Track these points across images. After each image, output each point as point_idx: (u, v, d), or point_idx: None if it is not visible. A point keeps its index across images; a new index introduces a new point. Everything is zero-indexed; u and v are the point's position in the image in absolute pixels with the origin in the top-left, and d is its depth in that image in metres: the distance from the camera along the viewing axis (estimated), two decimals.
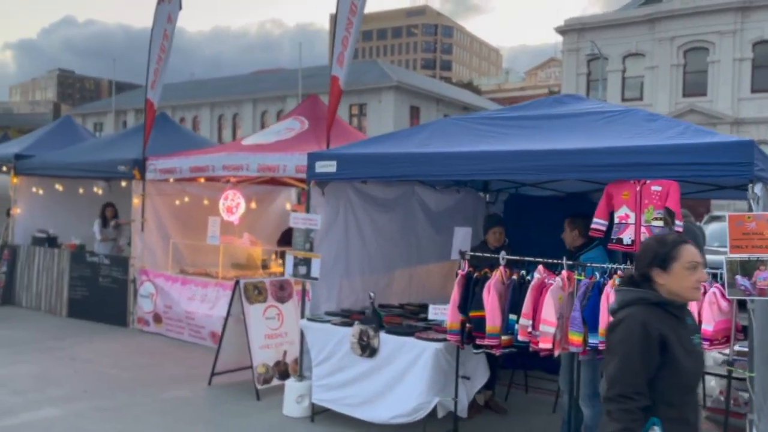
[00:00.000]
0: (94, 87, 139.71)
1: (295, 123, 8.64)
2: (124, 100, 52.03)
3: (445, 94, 42.99)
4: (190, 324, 8.10)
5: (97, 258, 9.38)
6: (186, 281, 8.36)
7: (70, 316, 9.54)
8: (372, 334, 4.86)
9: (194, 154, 8.51)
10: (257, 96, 43.90)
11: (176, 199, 9.32)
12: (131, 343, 8.04)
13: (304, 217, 5.45)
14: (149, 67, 8.69)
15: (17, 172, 10.63)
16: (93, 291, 9.36)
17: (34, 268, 10.22)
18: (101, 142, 10.97)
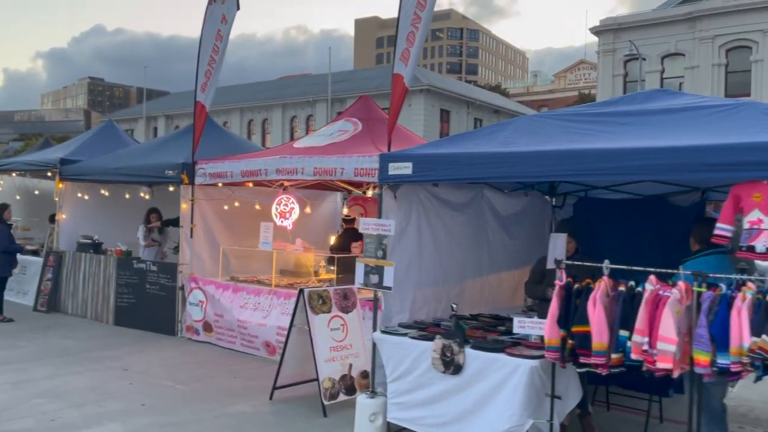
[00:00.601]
0: (123, 94, 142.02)
1: (347, 125, 8.33)
2: (154, 107, 52.55)
3: (475, 97, 42.50)
4: (242, 333, 7.81)
5: (145, 265, 9.17)
6: (237, 289, 8.08)
7: (117, 324, 9.34)
8: (456, 350, 4.48)
9: (245, 157, 8.24)
10: (286, 101, 43.93)
11: (224, 204, 9.06)
12: (182, 352, 7.78)
13: (376, 223, 5.11)
14: (199, 69, 8.46)
15: (62, 177, 10.51)
16: (140, 298, 9.14)
17: (80, 274, 10.06)
18: (145, 147, 10.80)
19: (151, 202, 10.67)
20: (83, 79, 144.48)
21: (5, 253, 9.34)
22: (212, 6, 8.23)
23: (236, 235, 9.30)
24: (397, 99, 6.42)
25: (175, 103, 52.37)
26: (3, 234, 9.29)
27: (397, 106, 6.44)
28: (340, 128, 8.26)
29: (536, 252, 7.14)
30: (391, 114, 6.57)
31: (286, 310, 7.44)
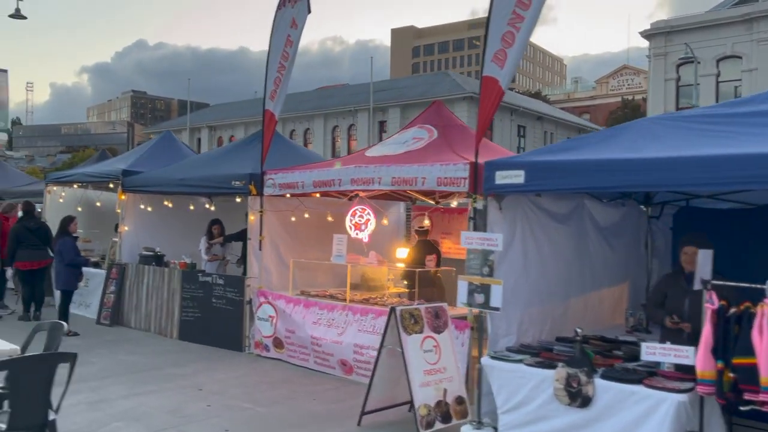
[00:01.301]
0: (165, 107, 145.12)
1: (422, 132, 7.93)
2: (196, 118, 53.26)
3: (519, 104, 41.80)
4: (315, 351, 7.46)
5: (210, 278, 8.92)
6: (309, 304, 7.75)
7: (182, 339, 9.11)
8: (584, 380, 4.02)
9: (317, 167, 7.93)
10: (328, 111, 43.95)
11: (291, 215, 8.75)
12: (254, 370, 7.47)
13: (481, 237, 4.69)
14: (267, 77, 8.20)
15: (125, 188, 10.39)
16: (205, 313, 8.89)
17: (143, 287, 9.88)
18: (206, 158, 10.62)
19: (213, 213, 10.46)
20: (126, 93, 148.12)
21: (71, 266, 9.22)
22: (281, 11, 7.97)
23: (301, 247, 8.99)
24: (490, 104, 5.96)
25: (217, 114, 53.04)
26: (69, 247, 9.17)
27: (489, 111, 5.99)
28: (413, 136, 7.87)
29: (635, 266, 6.64)
30: (480, 120, 6.12)
31: (362, 327, 7.08)
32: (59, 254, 9.15)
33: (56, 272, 9.28)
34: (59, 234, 9.28)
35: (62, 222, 9.35)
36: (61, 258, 9.15)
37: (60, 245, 9.15)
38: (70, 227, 9.32)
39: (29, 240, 10.21)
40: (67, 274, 9.18)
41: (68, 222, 9.34)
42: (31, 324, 10.14)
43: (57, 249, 9.18)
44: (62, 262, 9.16)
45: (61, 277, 9.20)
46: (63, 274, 9.18)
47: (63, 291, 9.25)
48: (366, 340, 6.97)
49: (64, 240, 9.18)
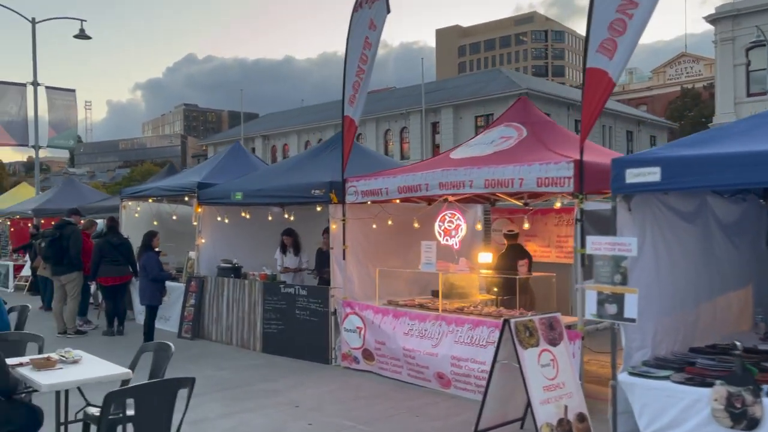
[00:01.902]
0: (216, 119, 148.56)
1: (509, 131, 7.56)
2: (249, 128, 54.06)
3: (576, 98, 40.61)
4: (409, 363, 7.17)
5: (293, 289, 8.76)
6: (398, 314, 7.47)
7: (265, 351, 8.99)
8: (750, 399, 3.58)
9: (401, 172, 7.65)
10: (379, 115, 43.82)
11: (373, 223, 8.51)
12: (346, 385, 7.24)
13: (610, 242, 4.29)
14: (346, 82, 7.98)
15: (201, 201, 10.38)
16: (289, 324, 8.74)
17: (223, 300, 9.83)
18: (281, 168, 10.51)
19: (291, 223, 10.34)
20: (179, 107, 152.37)
21: (155, 282, 9.24)
22: (358, 13, 7.74)
23: (380, 255, 8.75)
24: (596, 98, 5.56)
25: (269, 124, 53.74)
26: (153, 262, 9.19)
27: (597, 106, 5.58)
28: (501, 135, 7.51)
29: (758, 266, 6.10)
30: (585, 115, 5.71)
31: (459, 338, 6.76)
32: (143, 269, 9.18)
33: (141, 288, 9.30)
34: (143, 249, 9.31)
35: (145, 237, 9.38)
36: (145, 273, 9.18)
37: (144, 260, 9.17)
38: (153, 242, 9.33)
39: (112, 255, 10.33)
40: (152, 289, 9.20)
41: (151, 237, 9.36)
42: (115, 339, 10.29)
43: (141, 264, 9.21)
44: (147, 278, 9.18)
45: (146, 293, 9.23)
46: (148, 290, 9.20)
47: (148, 306, 9.28)
48: (464, 352, 6.64)
49: (148, 255, 9.21)
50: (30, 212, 17.12)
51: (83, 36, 20.55)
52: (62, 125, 20.47)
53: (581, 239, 5.77)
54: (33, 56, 19.65)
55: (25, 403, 4.26)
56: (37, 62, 19.67)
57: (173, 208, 12.56)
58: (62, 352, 4.72)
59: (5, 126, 19.21)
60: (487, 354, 6.45)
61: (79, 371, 4.39)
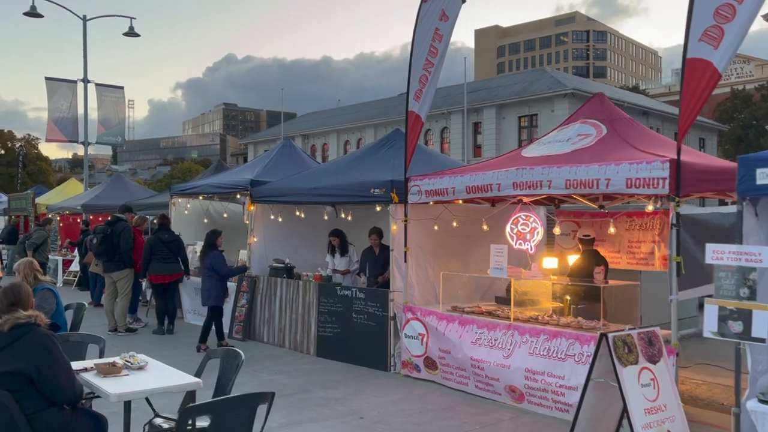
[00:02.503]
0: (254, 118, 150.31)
1: (587, 128, 7.07)
2: (289, 128, 54.22)
3: (623, 99, 39.51)
4: (477, 374, 6.75)
5: (350, 291, 8.42)
6: (465, 321, 7.05)
7: (319, 355, 8.68)
8: None
9: (468, 171, 7.23)
10: None
11: (434, 224, 8.11)
12: (409, 395, 6.86)
13: (736, 251, 3.80)
14: (411, 76, 7.61)
15: (254, 199, 10.13)
16: (345, 328, 8.40)
17: (275, 301, 9.55)
18: (336, 166, 10.12)
19: (348, 223, 10.03)
20: (218, 106, 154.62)
21: (225, 279, 9.01)
22: (428, 3, 7.35)
23: (440, 258, 8.36)
24: (699, 90, 5.06)
25: (309, 123, 53.84)
26: (220, 261, 8.92)
27: (699, 99, 5.08)
28: (577, 132, 7.02)
29: None
30: (685, 110, 5.21)
31: (534, 349, 6.31)
32: (211, 269, 8.86)
33: (206, 288, 8.98)
34: (207, 248, 9.03)
35: (210, 236, 9.12)
36: (212, 273, 8.86)
37: (211, 259, 8.87)
38: (218, 241, 9.07)
39: (162, 252, 10.17)
40: (219, 289, 8.95)
41: (216, 236, 9.10)
42: (164, 338, 10.11)
43: (207, 264, 8.90)
44: (212, 277, 8.88)
45: (212, 293, 8.91)
46: (214, 290, 8.90)
47: (213, 308, 8.98)
48: (539, 365, 6.19)
49: (214, 254, 8.92)
50: (79, 208, 17.24)
51: (132, 33, 20.67)
52: (111, 122, 20.62)
53: (676, 246, 5.29)
54: (84, 53, 19.83)
55: (90, 411, 3.98)
56: (87, 59, 19.85)
57: (224, 206, 12.38)
58: (127, 357, 4.45)
59: (56, 122, 19.42)
60: (566, 368, 6.00)
61: (146, 379, 4.11)
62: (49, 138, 19.56)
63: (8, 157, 69.90)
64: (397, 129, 10.37)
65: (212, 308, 8.96)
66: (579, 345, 5.97)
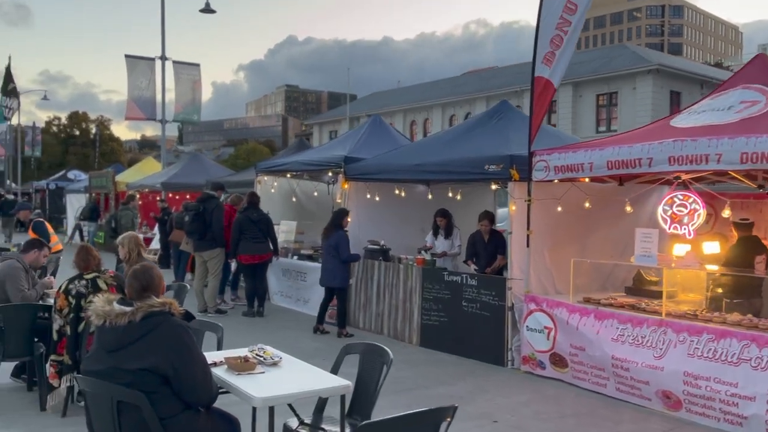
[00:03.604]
0: (315, 99, 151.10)
1: (752, 94, 6.07)
2: (355, 107, 53.78)
3: (710, 76, 37.03)
4: (619, 375, 5.93)
5: (459, 278, 7.71)
6: (602, 315, 6.22)
7: (423, 345, 8.04)
8: None
9: (609, 143, 6.35)
10: (489, 93, 42.04)
11: (558, 205, 7.26)
12: (538, 395, 6.13)
13: None
14: (539, 37, 6.76)
15: (348, 176, 9.52)
16: (453, 317, 7.72)
17: (372, 285, 8.95)
18: (439, 141, 9.39)
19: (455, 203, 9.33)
20: (280, 88, 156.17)
21: (346, 263, 8.50)
22: None
23: (559, 243, 7.52)
24: None
25: (373, 103, 53.20)
26: (345, 243, 8.39)
27: None
28: (741, 99, 6.03)
29: None
30: None
31: (695, 350, 5.44)
32: (335, 249, 8.35)
33: (329, 268, 8.49)
34: (332, 227, 8.52)
35: (336, 215, 8.62)
36: (336, 253, 8.36)
37: (336, 239, 8.36)
38: (344, 221, 8.54)
39: (251, 232, 9.73)
40: (343, 270, 8.46)
41: (342, 216, 8.58)
42: (255, 321, 9.70)
43: (332, 243, 8.39)
44: (337, 257, 8.38)
45: (337, 274, 8.44)
46: (339, 271, 8.43)
47: (339, 289, 8.51)
48: (703, 369, 5.32)
49: (339, 234, 8.41)
50: (159, 186, 17.20)
51: (208, 10, 20.42)
52: (187, 100, 20.53)
53: None
54: (162, 30, 19.73)
55: (223, 413, 3.43)
56: (165, 36, 19.74)
57: (314, 185, 11.88)
58: (257, 351, 3.89)
59: (135, 100, 19.45)
60: (739, 374, 5.12)
61: (285, 378, 3.53)
62: (128, 116, 19.63)
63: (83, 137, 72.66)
64: (503, 101, 9.56)
65: (338, 290, 8.51)
66: (756, 348, 5.07)
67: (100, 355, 3.08)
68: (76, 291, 5.14)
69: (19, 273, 5.82)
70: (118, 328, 3.04)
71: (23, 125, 38.57)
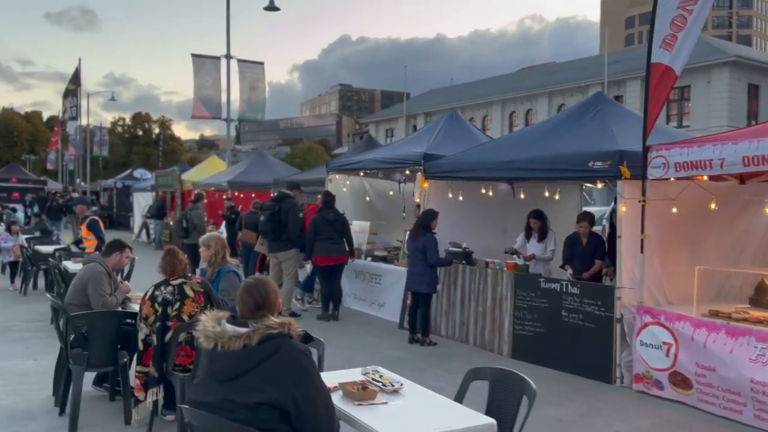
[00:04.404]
0: (369, 98, 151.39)
1: None
2: (411, 106, 53.21)
3: None
4: (760, 401, 5.18)
5: (558, 285, 7.06)
6: (736, 331, 5.47)
7: (515, 358, 7.42)
8: None
9: (739, 138, 5.57)
10: (551, 88, 40.75)
11: (673, 206, 6.51)
12: (664, 420, 5.44)
13: None
14: (657, 18, 6.03)
15: (428, 174, 8.98)
16: (551, 328, 7.08)
17: (456, 290, 8.39)
18: (528, 137, 8.73)
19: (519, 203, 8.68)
20: (334, 87, 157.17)
21: (433, 267, 7.93)
22: None
23: (670, 248, 6.76)
24: None
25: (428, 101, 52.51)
26: (433, 246, 7.81)
27: None
28: None
29: None
30: None
31: None
32: (422, 252, 7.78)
33: (417, 272, 7.91)
34: (420, 229, 7.94)
35: (425, 216, 8.04)
36: (423, 257, 7.79)
37: (424, 242, 7.79)
38: (432, 223, 7.98)
39: (327, 232, 9.33)
40: (432, 275, 7.88)
41: (431, 217, 7.98)
42: (330, 325, 9.28)
43: (419, 247, 7.79)
44: (423, 262, 7.81)
45: (425, 278, 7.84)
46: (427, 276, 7.84)
47: (424, 295, 7.95)
48: None
49: (427, 237, 7.83)
50: (225, 184, 17.10)
51: (272, 8, 20.24)
52: (252, 98, 20.43)
53: None
54: (227, 29, 19.68)
55: None
56: (230, 35, 19.68)
57: (390, 185, 11.40)
58: (371, 373, 3.39)
59: (201, 99, 19.45)
60: None
61: (414, 411, 3.02)
62: (194, 115, 19.66)
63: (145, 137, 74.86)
64: (598, 93, 8.82)
65: (423, 296, 7.94)
66: None
67: (210, 384, 2.63)
68: (162, 298, 4.78)
69: (102, 278, 5.54)
70: (230, 354, 2.59)
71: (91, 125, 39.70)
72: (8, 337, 7.87)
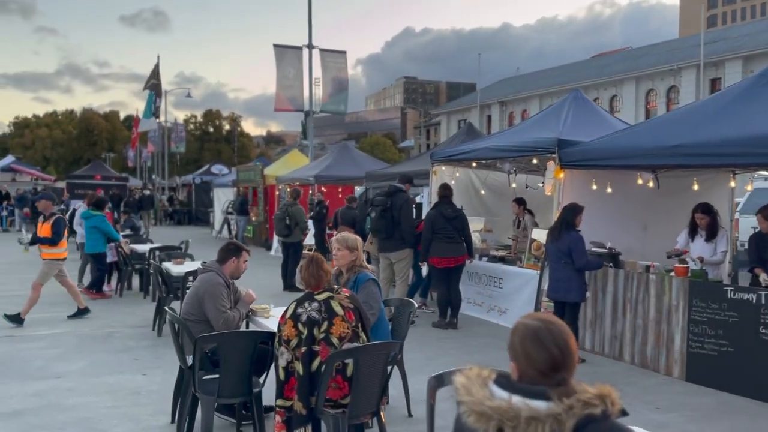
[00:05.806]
0: (434, 90, 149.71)
1: None
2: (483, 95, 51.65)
3: None
4: None
5: (753, 296, 5.77)
6: None
7: (689, 380, 6.18)
8: None
9: None
10: (639, 72, 38.36)
11: None
12: None
13: None
14: None
15: (564, 163, 7.80)
16: (743, 348, 5.80)
17: (606, 298, 7.19)
18: (691, 117, 7.41)
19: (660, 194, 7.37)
20: (399, 80, 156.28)
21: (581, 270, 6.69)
22: None
23: None
24: None
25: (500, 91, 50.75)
26: (581, 247, 6.60)
27: None
28: None
29: None
30: None
31: None
32: (567, 254, 6.58)
33: (562, 277, 6.70)
34: (563, 226, 6.74)
35: (567, 212, 6.80)
36: (569, 259, 6.59)
37: (569, 242, 6.58)
38: (576, 219, 6.72)
39: (445, 230, 8.31)
40: (580, 281, 6.67)
41: (575, 212, 6.74)
42: (448, 334, 8.27)
43: (563, 248, 6.61)
44: (569, 265, 6.61)
45: (573, 284, 6.63)
46: (575, 282, 6.62)
47: (572, 304, 6.74)
48: None
49: (572, 236, 6.61)
50: (311, 179, 16.40)
51: None
52: (335, 89, 19.66)
53: None
54: (308, 18, 18.95)
55: None
56: (312, 24, 18.95)
57: (499, 176, 10.28)
58: None
59: (284, 91, 18.82)
60: None
61: None
62: (277, 107, 19.06)
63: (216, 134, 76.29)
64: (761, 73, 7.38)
65: (570, 306, 6.74)
66: None
67: None
68: (307, 317, 3.87)
69: (221, 290, 4.72)
70: None
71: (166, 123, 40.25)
72: (113, 346, 7.25)
